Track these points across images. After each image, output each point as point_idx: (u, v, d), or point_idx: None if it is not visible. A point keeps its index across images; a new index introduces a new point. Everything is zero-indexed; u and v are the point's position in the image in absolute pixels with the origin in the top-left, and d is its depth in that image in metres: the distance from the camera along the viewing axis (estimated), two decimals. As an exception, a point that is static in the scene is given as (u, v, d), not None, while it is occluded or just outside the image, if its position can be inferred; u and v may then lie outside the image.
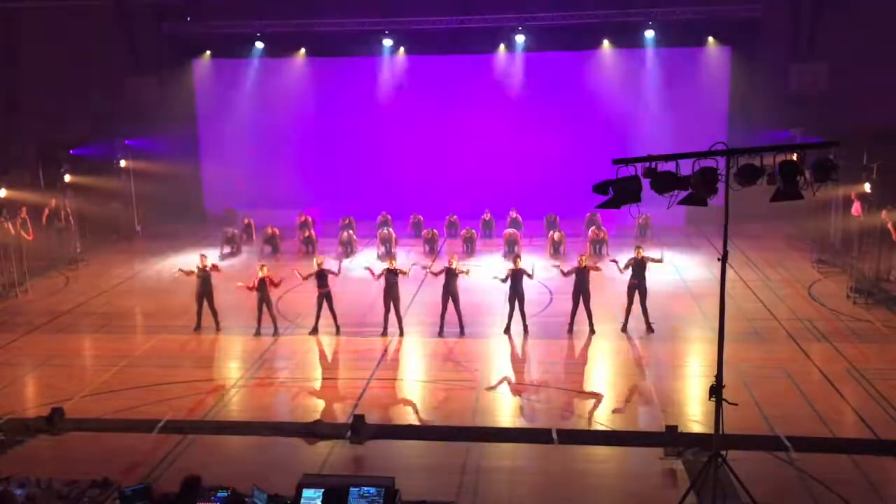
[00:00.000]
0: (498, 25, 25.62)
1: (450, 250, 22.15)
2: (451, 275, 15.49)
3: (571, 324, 15.63)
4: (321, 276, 15.62)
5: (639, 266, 15.46)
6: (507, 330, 15.57)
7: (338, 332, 15.75)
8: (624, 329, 15.54)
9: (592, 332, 15.43)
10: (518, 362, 14.46)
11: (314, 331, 15.69)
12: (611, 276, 16.54)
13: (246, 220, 24.69)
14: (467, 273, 15.91)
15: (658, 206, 8.66)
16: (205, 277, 15.93)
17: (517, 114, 26.47)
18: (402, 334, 15.54)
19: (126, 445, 10.97)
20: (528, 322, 15.61)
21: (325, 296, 15.67)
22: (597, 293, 15.83)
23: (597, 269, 15.81)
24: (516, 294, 15.40)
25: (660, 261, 15.70)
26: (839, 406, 12.04)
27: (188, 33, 26.91)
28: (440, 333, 15.49)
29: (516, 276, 15.35)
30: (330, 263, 16.68)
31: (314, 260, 16.49)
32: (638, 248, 15.91)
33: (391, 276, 15.42)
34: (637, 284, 15.47)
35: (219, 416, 12.11)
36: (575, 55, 26.19)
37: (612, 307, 16.71)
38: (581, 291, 15.43)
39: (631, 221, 22.88)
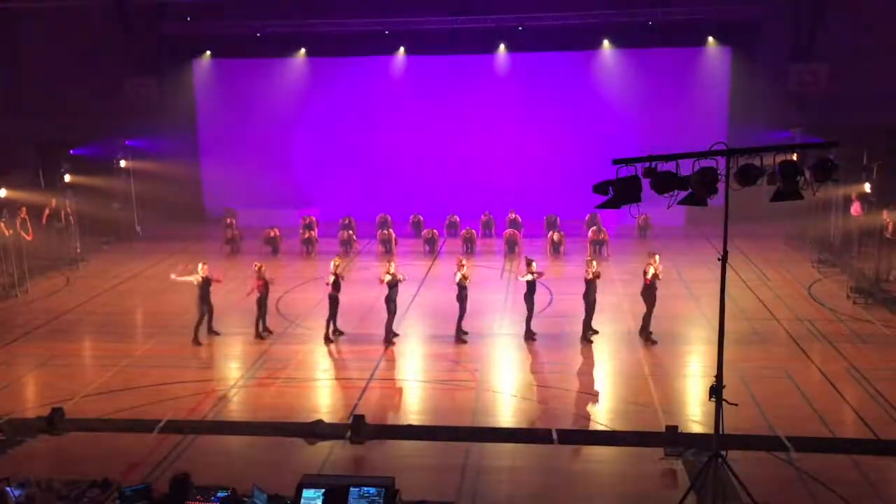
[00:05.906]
0: (498, 25, 25.63)
1: (450, 250, 22.14)
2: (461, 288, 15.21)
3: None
4: (337, 280, 15.38)
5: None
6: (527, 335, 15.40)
7: (338, 333, 15.67)
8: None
9: (594, 332, 15.43)
10: (518, 362, 14.44)
11: (328, 339, 15.32)
12: (610, 279, 16.51)
13: (228, 220, 24.45)
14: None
15: (658, 206, 8.66)
16: (205, 286, 15.41)
17: (517, 114, 26.48)
18: (395, 336, 15.38)
19: (126, 445, 10.97)
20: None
21: (335, 299, 15.41)
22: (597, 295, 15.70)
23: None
24: (533, 297, 15.30)
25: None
26: (839, 406, 12.05)
27: (188, 33, 26.97)
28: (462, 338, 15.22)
29: (533, 282, 15.26)
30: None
31: (332, 262, 15.63)
32: (651, 253, 15.61)
33: (390, 284, 15.12)
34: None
35: (219, 416, 12.11)
36: (575, 55, 26.20)
37: (612, 309, 16.71)
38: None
39: (631, 221, 22.88)
